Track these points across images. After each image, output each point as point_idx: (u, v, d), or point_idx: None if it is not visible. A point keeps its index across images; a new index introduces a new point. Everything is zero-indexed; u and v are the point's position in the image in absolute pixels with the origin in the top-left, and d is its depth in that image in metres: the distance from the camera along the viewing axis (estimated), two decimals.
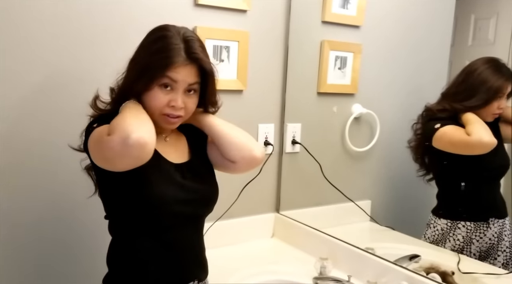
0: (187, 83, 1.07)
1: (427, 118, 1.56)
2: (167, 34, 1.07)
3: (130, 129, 0.93)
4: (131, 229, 1.12)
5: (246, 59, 1.73)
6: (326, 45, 1.84)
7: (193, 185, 1.14)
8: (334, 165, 1.89)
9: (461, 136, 1.42)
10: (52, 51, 1.39)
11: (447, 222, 1.51)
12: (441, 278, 1.37)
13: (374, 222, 1.82)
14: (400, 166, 1.82)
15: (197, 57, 1.07)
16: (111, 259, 1.15)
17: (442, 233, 1.52)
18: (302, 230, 1.81)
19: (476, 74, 1.44)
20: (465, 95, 1.45)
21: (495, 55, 1.45)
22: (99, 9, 1.44)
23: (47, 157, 1.42)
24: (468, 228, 1.47)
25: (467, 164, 1.47)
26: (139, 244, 1.11)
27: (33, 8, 1.35)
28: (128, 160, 0.95)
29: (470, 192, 1.50)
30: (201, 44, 1.10)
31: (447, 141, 1.48)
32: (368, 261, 1.51)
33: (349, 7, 1.84)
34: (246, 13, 1.72)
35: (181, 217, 1.12)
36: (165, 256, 1.12)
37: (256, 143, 1.19)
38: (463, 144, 1.43)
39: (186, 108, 1.10)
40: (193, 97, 1.11)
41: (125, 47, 1.49)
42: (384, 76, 1.86)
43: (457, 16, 1.59)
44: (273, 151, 1.86)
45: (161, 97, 1.07)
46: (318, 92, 1.88)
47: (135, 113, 1.02)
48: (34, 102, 1.39)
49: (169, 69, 1.05)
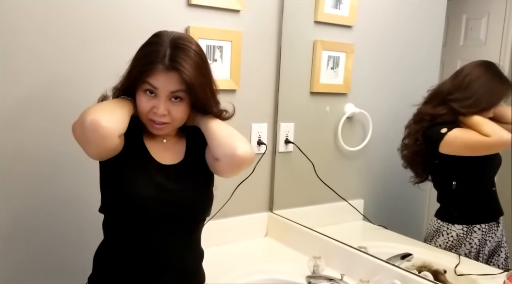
0: (168, 90, 1.05)
1: (426, 123, 1.53)
2: (155, 40, 1.07)
3: (89, 112, 0.98)
4: (115, 228, 1.13)
5: (239, 59, 1.73)
6: (319, 45, 1.85)
7: (174, 187, 1.11)
8: (327, 164, 1.90)
9: (478, 138, 1.39)
10: (44, 52, 1.38)
11: (463, 227, 1.47)
12: (433, 277, 1.37)
13: (367, 221, 1.83)
14: (392, 165, 1.83)
15: (176, 67, 1.03)
16: (95, 257, 1.16)
17: (458, 239, 1.48)
18: (295, 229, 1.81)
19: (481, 80, 1.44)
20: (472, 101, 1.44)
21: (486, 55, 1.47)
22: (91, 9, 1.43)
23: (46, 160, 1.42)
24: (483, 230, 1.45)
25: (477, 165, 1.46)
26: (122, 245, 1.11)
27: (24, 10, 1.34)
28: (90, 146, 1.01)
29: (483, 193, 1.50)
30: (188, 53, 1.05)
31: (462, 145, 1.46)
32: (361, 260, 1.52)
33: (342, 7, 1.85)
34: (239, 13, 1.72)
35: (160, 219, 1.09)
36: (143, 261, 1.09)
37: (242, 143, 1.10)
38: (484, 145, 1.40)
39: (171, 116, 1.08)
40: (179, 105, 1.08)
41: (119, 48, 1.49)
42: (376, 75, 1.87)
43: (449, 16, 1.60)
44: (266, 150, 1.86)
45: (144, 102, 1.07)
46: (311, 92, 1.89)
47: (108, 104, 1.06)
48: (29, 104, 1.38)
49: (148, 75, 1.04)
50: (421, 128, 1.54)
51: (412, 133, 1.57)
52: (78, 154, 1.13)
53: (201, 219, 1.19)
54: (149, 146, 1.14)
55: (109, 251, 1.14)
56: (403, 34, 1.82)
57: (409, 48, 1.82)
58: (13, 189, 1.39)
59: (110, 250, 1.14)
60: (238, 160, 1.08)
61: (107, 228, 1.15)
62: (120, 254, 1.12)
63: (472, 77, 1.45)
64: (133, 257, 1.10)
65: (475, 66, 1.47)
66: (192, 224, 1.17)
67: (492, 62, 1.45)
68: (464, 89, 1.46)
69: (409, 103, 1.61)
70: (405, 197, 1.78)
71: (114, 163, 1.08)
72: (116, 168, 1.09)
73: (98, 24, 1.45)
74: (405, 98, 1.80)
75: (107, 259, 1.14)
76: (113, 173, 1.10)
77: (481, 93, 1.44)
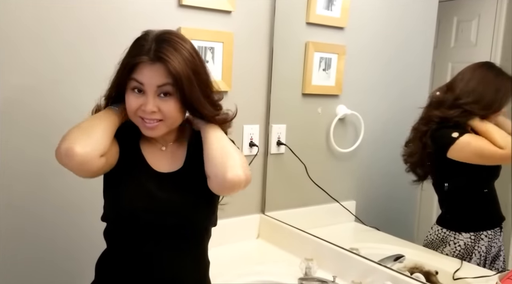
0: (155, 85, 1.00)
1: (434, 125, 1.47)
2: (140, 37, 1.04)
3: (64, 139, 0.97)
4: (115, 238, 1.11)
5: (230, 60, 1.73)
6: (311, 46, 1.85)
7: (167, 196, 1.07)
8: (319, 166, 1.90)
9: (491, 149, 1.35)
10: (32, 54, 1.37)
11: (470, 235, 1.43)
12: (425, 278, 1.38)
13: (359, 222, 1.83)
14: (384, 166, 1.83)
15: (161, 57, 0.98)
16: (97, 265, 1.14)
17: (466, 248, 1.43)
18: (287, 231, 1.81)
19: (486, 81, 1.41)
20: (484, 103, 1.40)
21: (477, 57, 1.47)
22: (81, 10, 1.42)
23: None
24: (490, 237, 1.43)
25: (485, 171, 1.43)
26: (122, 255, 1.09)
27: (13, 11, 1.32)
28: (74, 171, 0.99)
29: (489, 200, 1.46)
30: (175, 46, 1.00)
31: (473, 152, 1.41)
32: (353, 262, 1.52)
33: (333, 9, 1.85)
34: (231, 14, 1.71)
35: (156, 230, 1.06)
36: (142, 273, 1.07)
37: (235, 165, 1.01)
38: (496, 157, 1.36)
39: (162, 113, 1.02)
40: (168, 101, 1.02)
41: (108, 49, 1.48)
42: (368, 77, 1.87)
43: (440, 18, 1.61)
44: (258, 152, 1.85)
45: (132, 101, 1.03)
46: (303, 93, 1.89)
47: (88, 122, 1.02)
48: (14, 106, 1.37)
49: (134, 71, 1.01)
50: (429, 130, 1.48)
51: (419, 136, 1.51)
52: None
53: (201, 232, 1.13)
54: (146, 152, 1.11)
55: (110, 260, 1.12)
56: (395, 36, 1.83)
57: (400, 49, 1.82)
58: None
59: (111, 258, 1.12)
60: (227, 184, 1.00)
61: (107, 237, 1.13)
62: (121, 263, 1.09)
63: (476, 80, 1.42)
64: (132, 268, 1.07)
65: (475, 68, 1.44)
66: (192, 236, 1.11)
67: (489, 62, 1.44)
68: (471, 93, 1.41)
69: (401, 104, 1.61)
70: (396, 199, 1.78)
71: (109, 173, 1.07)
72: (109, 178, 1.07)
73: (86, 25, 1.44)
74: (397, 99, 1.81)
75: (108, 268, 1.12)
76: (106, 183, 1.08)
77: (490, 94, 1.41)
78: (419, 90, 1.68)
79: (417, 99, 1.58)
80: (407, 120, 1.66)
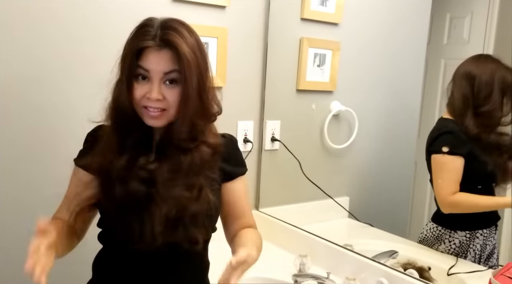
0: (161, 72, 0.96)
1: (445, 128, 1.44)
2: (144, 23, 0.99)
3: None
4: (109, 240, 1.10)
5: (225, 56, 1.72)
6: (305, 42, 1.84)
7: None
8: (313, 162, 1.90)
9: (443, 188, 1.39)
10: (9, 52, 1.35)
11: (466, 233, 1.43)
12: (418, 274, 1.39)
13: (352, 218, 1.84)
14: (378, 163, 1.84)
15: (170, 43, 0.94)
16: (94, 264, 1.14)
17: (460, 246, 1.44)
18: (281, 227, 1.81)
19: (497, 77, 1.37)
20: (493, 103, 1.36)
21: (469, 54, 1.45)
22: (74, 5, 1.40)
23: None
24: (485, 235, 1.42)
25: (483, 170, 1.41)
26: (116, 253, 1.09)
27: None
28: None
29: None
30: (183, 33, 0.96)
31: (435, 174, 1.42)
32: (347, 258, 1.52)
33: (328, 5, 1.85)
34: (225, 9, 1.70)
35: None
36: (137, 269, 1.06)
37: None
38: (439, 197, 1.41)
39: (167, 101, 0.97)
40: (174, 88, 0.97)
41: (102, 44, 1.46)
42: (362, 73, 1.88)
43: (433, 15, 1.61)
44: (252, 148, 1.85)
45: (137, 89, 0.97)
46: (297, 89, 1.88)
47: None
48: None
49: (140, 58, 0.96)
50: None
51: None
52: (64, 151, 1.11)
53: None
54: None
55: (107, 259, 1.11)
56: (389, 32, 1.83)
57: (394, 46, 1.83)
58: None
59: (108, 258, 1.11)
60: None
61: (103, 240, 1.12)
62: (118, 263, 1.08)
63: (488, 79, 1.37)
64: (130, 267, 1.06)
65: (482, 67, 1.39)
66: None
67: (486, 54, 1.42)
68: (488, 97, 1.37)
69: (394, 100, 1.61)
70: (390, 195, 1.79)
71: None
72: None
73: (79, 21, 1.42)
74: (390, 95, 1.82)
75: (106, 267, 1.11)
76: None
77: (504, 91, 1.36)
78: (412, 86, 1.69)
79: (410, 95, 1.59)
80: (401, 116, 1.67)
